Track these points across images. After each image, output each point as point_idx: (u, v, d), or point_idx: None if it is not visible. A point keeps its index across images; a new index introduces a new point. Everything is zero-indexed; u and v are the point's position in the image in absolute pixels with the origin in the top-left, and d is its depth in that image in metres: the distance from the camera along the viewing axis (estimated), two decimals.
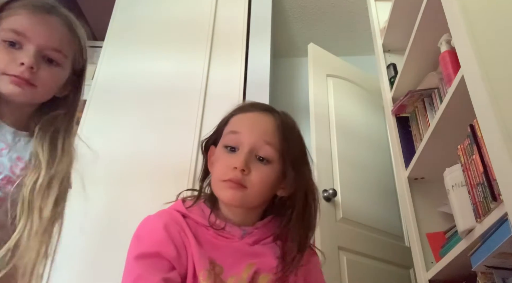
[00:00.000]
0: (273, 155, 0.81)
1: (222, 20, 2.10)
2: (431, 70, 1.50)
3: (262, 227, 0.84)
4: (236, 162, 0.78)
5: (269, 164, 0.81)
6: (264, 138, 0.81)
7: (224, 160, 0.81)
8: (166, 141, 1.71)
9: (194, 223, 0.82)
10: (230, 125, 0.86)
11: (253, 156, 0.80)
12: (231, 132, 0.84)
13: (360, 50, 3.07)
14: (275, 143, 0.82)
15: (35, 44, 0.81)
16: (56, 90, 0.88)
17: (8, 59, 0.80)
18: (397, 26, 1.76)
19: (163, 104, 1.80)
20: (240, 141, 0.81)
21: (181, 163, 1.63)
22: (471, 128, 0.99)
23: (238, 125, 0.85)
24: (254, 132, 0.82)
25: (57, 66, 0.85)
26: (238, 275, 0.76)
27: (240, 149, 0.80)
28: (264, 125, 0.84)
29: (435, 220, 1.40)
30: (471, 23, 0.99)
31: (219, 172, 0.81)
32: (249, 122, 0.85)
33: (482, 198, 0.93)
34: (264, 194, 0.82)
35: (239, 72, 1.91)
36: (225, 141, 0.84)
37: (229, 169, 0.79)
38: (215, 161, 0.84)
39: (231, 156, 0.81)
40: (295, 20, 2.92)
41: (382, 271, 2.01)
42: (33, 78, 0.80)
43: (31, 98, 0.84)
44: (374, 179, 2.27)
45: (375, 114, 2.48)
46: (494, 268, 0.93)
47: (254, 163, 0.80)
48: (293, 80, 3.08)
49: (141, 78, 1.89)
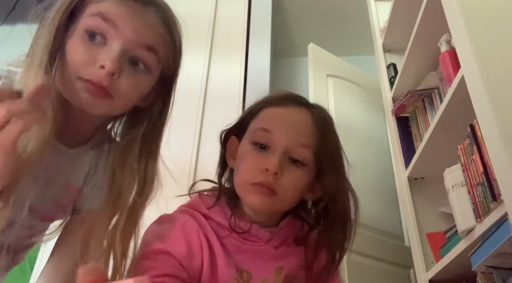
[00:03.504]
0: (309, 157, 0.72)
1: (222, 20, 2.10)
2: (431, 70, 1.50)
3: (286, 227, 0.77)
4: (268, 163, 0.68)
5: (303, 167, 0.72)
6: (300, 139, 0.71)
7: (253, 159, 0.71)
8: (166, 141, 1.70)
9: (216, 225, 0.74)
10: (260, 120, 0.75)
11: (286, 157, 0.71)
12: (262, 129, 0.73)
13: (360, 50, 3.07)
14: (312, 144, 0.72)
15: (123, 40, 0.62)
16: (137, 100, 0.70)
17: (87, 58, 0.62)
18: (397, 26, 1.76)
19: None
20: (272, 140, 0.71)
21: (181, 163, 1.63)
22: (471, 128, 0.99)
23: (271, 122, 0.73)
24: (289, 132, 0.72)
25: (145, 72, 0.66)
26: (268, 280, 0.72)
27: (272, 149, 0.71)
28: (300, 123, 0.74)
29: (435, 220, 1.40)
30: (471, 23, 0.99)
31: (247, 173, 0.71)
32: (283, 119, 0.74)
33: (482, 198, 0.93)
34: (294, 199, 0.74)
35: (239, 72, 1.91)
36: (254, 138, 0.73)
37: (259, 171, 0.69)
38: (241, 158, 0.74)
39: (261, 155, 0.71)
40: (295, 20, 2.92)
41: (382, 271, 2.01)
42: (112, 87, 0.62)
43: (104, 112, 0.68)
44: (374, 179, 2.27)
45: (375, 114, 2.48)
46: (494, 268, 0.93)
47: (287, 166, 0.70)
48: (293, 80, 3.07)
49: None
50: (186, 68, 0.87)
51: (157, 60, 0.68)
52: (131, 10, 0.64)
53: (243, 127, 0.78)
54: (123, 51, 0.63)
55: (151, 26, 0.66)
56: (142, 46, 0.65)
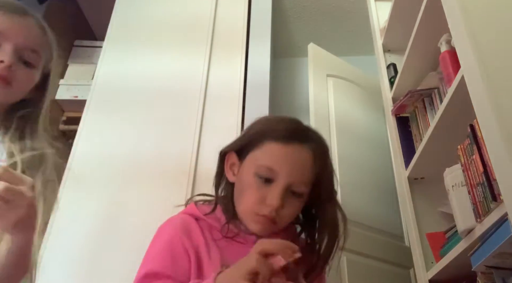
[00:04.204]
0: (307, 190, 0.82)
1: (222, 20, 2.10)
2: (431, 70, 1.50)
3: (280, 232, 0.83)
4: (272, 200, 0.77)
5: (301, 198, 0.82)
6: (301, 178, 0.80)
7: (257, 191, 0.79)
8: (166, 141, 1.70)
9: (207, 225, 0.83)
10: (265, 156, 0.81)
11: (288, 191, 0.79)
12: (268, 168, 0.79)
13: (360, 50, 3.07)
14: (311, 180, 0.82)
15: (13, 43, 0.81)
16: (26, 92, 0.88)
17: None
18: (397, 26, 1.76)
19: (163, 104, 1.80)
20: (276, 177, 0.79)
21: (181, 163, 1.63)
22: (471, 128, 0.99)
23: (276, 162, 0.80)
24: (293, 172, 0.79)
25: (32, 67, 0.85)
26: None
27: (275, 184, 0.78)
28: (302, 163, 0.81)
29: (435, 220, 1.40)
30: (471, 23, 0.99)
31: (252, 204, 0.79)
32: (287, 160, 0.80)
33: (482, 198, 0.93)
34: (290, 221, 0.84)
35: (239, 72, 1.91)
36: (259, 172, 0.80)
37: (263, 204, 0.78)
38: (245, 186, 0.82)
39: (265, 188, 0.79)
40: (295, 20, 2.92)
41: (382, 271, 2.01)
42: (11, 76, 0.80)
43: (4, 97, 0.84)
44: (374, 179, 2.27)
45: (375, 114, 2.48)
46: (494, 268, 0.93)
47: (287, 198, 0.79)
48: (293, 80, 3.07)
49: (141, 78, 1.89)
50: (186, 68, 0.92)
51: (40, 58, 0.86)
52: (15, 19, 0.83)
53: (244, 148, 0.85)
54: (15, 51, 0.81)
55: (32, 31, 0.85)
56: (28, 49, 0.83)
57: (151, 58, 1.94)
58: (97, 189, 1.58)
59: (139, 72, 1.90)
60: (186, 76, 1.87)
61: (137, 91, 1.85)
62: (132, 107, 1.80)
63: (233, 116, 1.76)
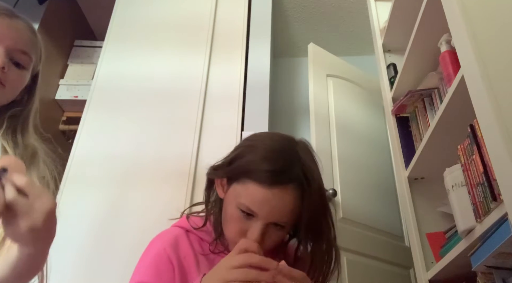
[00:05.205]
0: (289, 222, 0.83)
1: (222, 20, 2.10)
2: (431, 70, 1.50)
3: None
4: (252, 235, 0.79)
5: (283, 229, 0.83)
6: (282, 219, 0.81)
7: (238, 223, 0.82)
8: (166, 141, 1.71)
9: (197, 238, 0.88)
10: (246, 196, 0.80)
11: (270, 225, 0.81)
12: (248, 209, 0.80)
13: (360, 50, 3.07)
14: (294, 217, 0.82)
15: (4, 46, 0.82)
16: (18, 93, 0.89)
17: None
18: (397, 26, 1.75)
19: (163, 104, 1.80)
20: (256, 215, 0.80)
21: (181, 163, 1.63)
22: (471, 128, 0.99)
23: (256, 204, 0.79)
24: (274, 214, 0.80)
25: (23, 69, 0.86)
26: None
27: (256, 219, 0.80)
28: (285, 205, 0.80)
29: (435, 220, 1.40)
30: (471, 23, 0.98)
31: (234, 234, 0.82)
32: (268, 204, 0.79)
33: (482, 198, 0.93)
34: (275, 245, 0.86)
35: (239, 72, 1.91)
36: (241, 207, 0.81)
37: (244, 236, 0.80)
38: (228, 216, 0.84)
39: (246, 221, 0.81)
40: (295, 20, 2.92)
41: (382, 271, 2.01)
42: (4, 78, 0.81)
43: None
44: (374, 179, 2.27)
45: (375, 114, 2.48)
46: (494, 268, 0.93)
47: (269, 229, 0.81)
48: (293, 80, 3.07)
49: (141, 78, 1.89)
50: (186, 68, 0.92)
51: (30, 60, 0.87)
52: (5, 22, 0.84)
53: (229, 174, 0.86)
54: (6, 52, 0.82)
55: (23, 34, 0.86)
56: (19, 51, 0.84)
57: (151, 58, 1.95)
58: (97, 188, 1.58)
59: (139, 72, 1.90)
60: (186, 76, 1.87)
61: (137, 91, 1.85)
62: (132, 107, 1.80)
63: (233, 116, 1.76)
